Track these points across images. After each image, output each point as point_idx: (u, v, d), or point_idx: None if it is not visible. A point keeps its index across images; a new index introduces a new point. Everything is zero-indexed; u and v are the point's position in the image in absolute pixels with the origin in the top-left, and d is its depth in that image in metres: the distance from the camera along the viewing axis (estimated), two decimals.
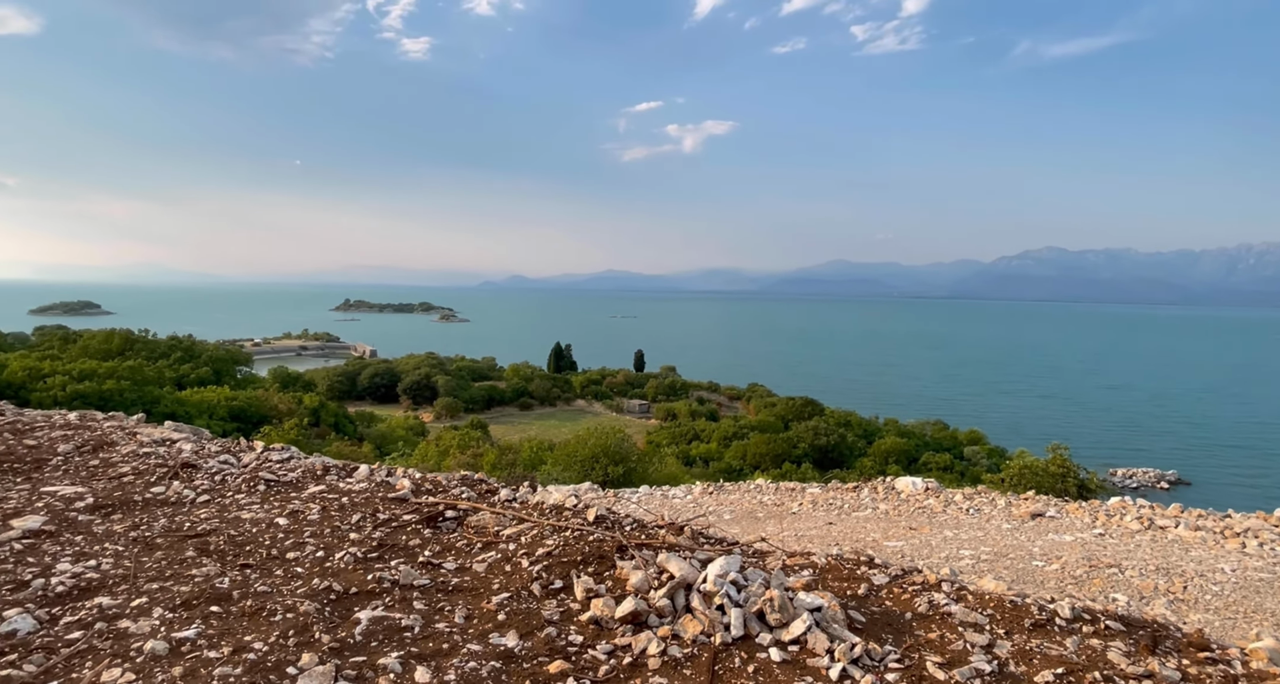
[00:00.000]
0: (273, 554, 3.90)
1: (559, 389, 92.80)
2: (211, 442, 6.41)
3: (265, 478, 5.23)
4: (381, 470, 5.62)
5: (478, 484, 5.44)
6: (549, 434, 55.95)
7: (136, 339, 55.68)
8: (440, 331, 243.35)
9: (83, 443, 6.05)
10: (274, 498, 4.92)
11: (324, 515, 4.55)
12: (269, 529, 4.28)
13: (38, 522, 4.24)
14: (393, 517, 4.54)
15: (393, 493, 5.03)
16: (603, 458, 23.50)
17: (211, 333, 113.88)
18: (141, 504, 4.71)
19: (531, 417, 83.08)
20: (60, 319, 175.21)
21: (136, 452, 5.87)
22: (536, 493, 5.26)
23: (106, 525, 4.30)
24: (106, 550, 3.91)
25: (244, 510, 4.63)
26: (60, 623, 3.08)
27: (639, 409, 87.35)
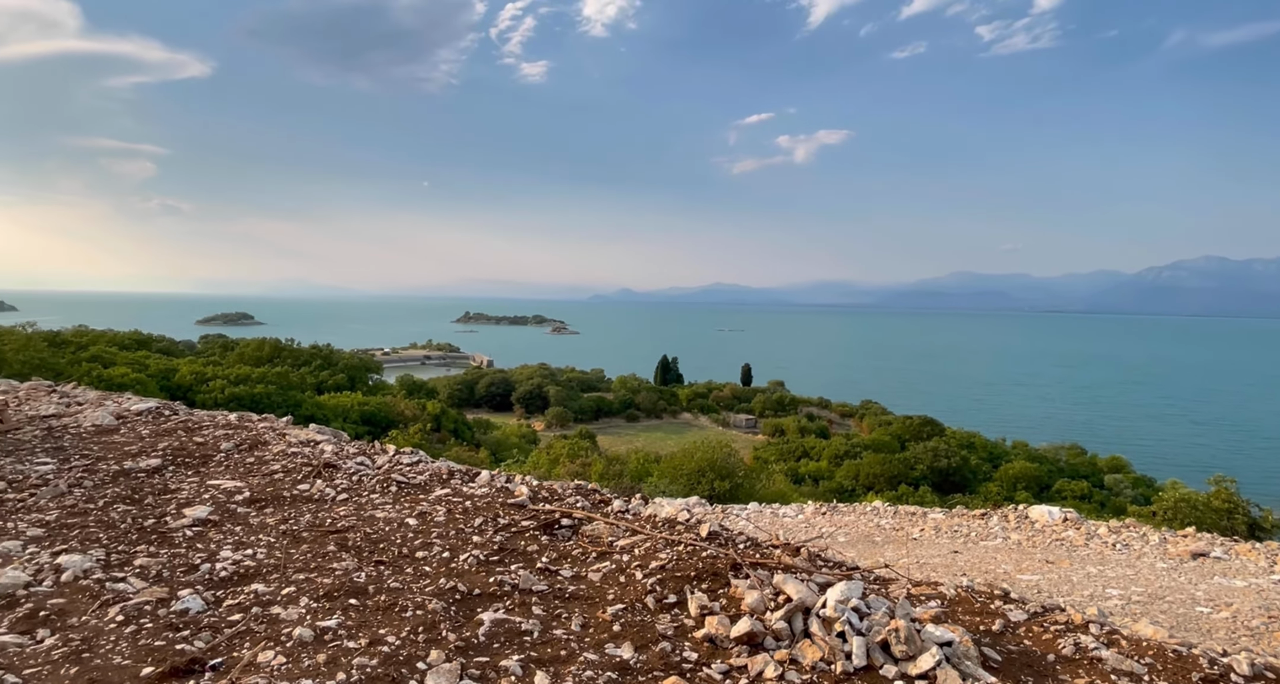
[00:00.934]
0: (404, 552, 4.13)
1: (665, 402, 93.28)
2: (349, 444, 6.90)
3: (397, 480, 5.57)
4: (501, 477, 5.83)
5: (591, 494, 5.53)
6: (655, 446, 56.20)
7: (283, 347, 61.06)
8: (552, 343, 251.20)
9: (241, 442, 6.68)
10: (404, 499, 5.22)
11: (449, 518, 4.77)
12: (400, 528, 4.54)
13: (205, 511, 4.72)
14: (512, 522, 4.70)
15: (512, 499, 5.20)
16: (709, 472, 23.34)
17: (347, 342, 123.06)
18: (290, 500, 5.13)
19: (638, 428, 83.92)
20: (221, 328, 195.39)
21: (285, 451, 6.41)
22: (649, 505, 5.28)
23: (261, 518, 4.72)
24: (260, 541, 4.28)
25: (378, 510, 4.94)
26: (223, 605, 3.40)
27: (746, 424, 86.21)
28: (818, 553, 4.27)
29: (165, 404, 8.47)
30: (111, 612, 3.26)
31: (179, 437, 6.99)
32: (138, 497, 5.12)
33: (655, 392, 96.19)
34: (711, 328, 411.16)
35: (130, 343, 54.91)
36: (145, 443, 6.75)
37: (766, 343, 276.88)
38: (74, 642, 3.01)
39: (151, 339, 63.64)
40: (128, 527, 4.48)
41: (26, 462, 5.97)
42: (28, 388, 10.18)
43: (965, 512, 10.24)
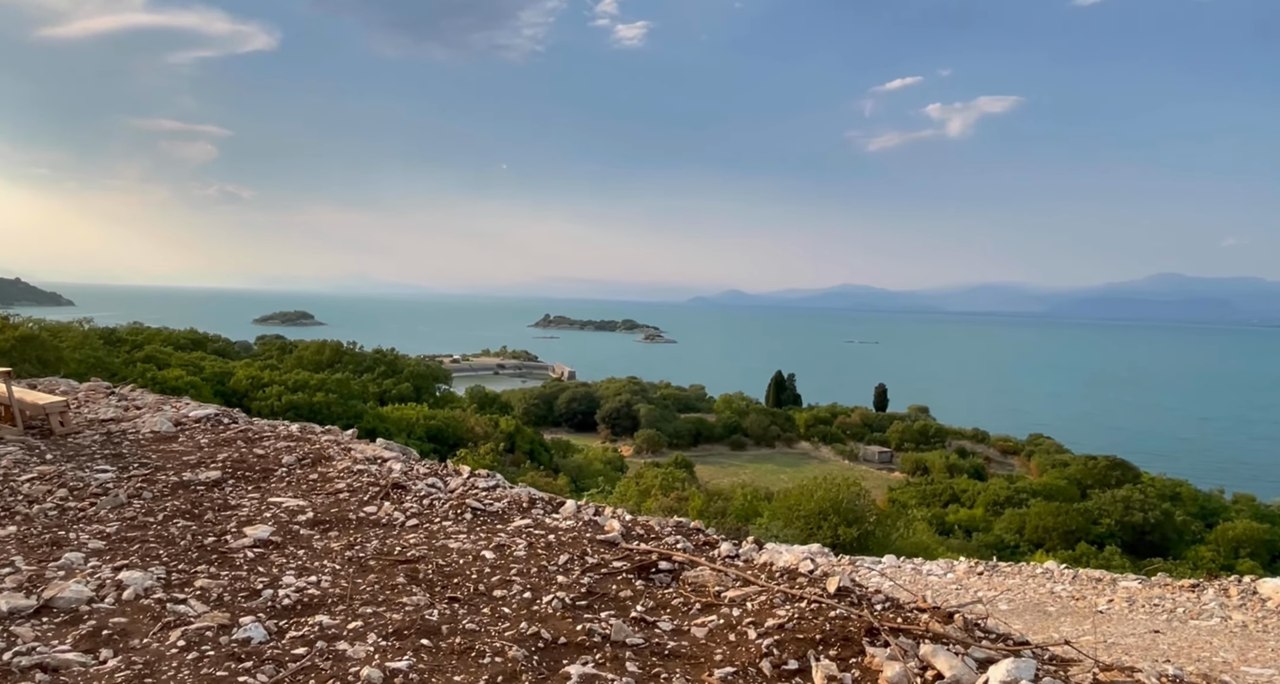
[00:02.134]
0: (480, 589, 4.30)
1: (779, 427, 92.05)
2: (419, 463, 7.25)
3: (472, 506, 5.80)
4: (589, 508, 5.96)
5: (694, 534, 5.56)
6: (765, 480, 55.55)
7: (345, 352, 64.62)
8: (644, 353, 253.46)
9: (303, 456, 7.16)
10: (480, 528, 5.43)
11: (530, 552, 4.93)
12: (476, 562, 4.73)
13: (266, 531, 5.09)
14: (601, 561, 4.80)
15: (601, 534, 5.31)
16: (833, 515, 22.87)
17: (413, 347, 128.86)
18: (355, 523, 5.45)
19: (745, 458, 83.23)
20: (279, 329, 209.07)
21: (350, 468, 6.81)
22: (763, 551, 5.26)
23: (325, 542, 5.04)
24: (325, 568, 4.57)
25: (451, 539, 5.17)
26: (286, 637, 3.65)
27: (879, 458, 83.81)
28: (976, 621, 4.12)
29: (224, 411, 9.19)
30: (173, 635, 3.58)
31: (239, 447, 7.56)
32: (197, 512, 5.59)
33: (767, 414, 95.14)
34: (838, 338, 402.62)
35: (185, 342, 59.80)
36: (204, 453, 7.35)
37: (907, 358, 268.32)
38: (136, 665, 3.32)
39: (207, 339, 69.04)
40: (188, 544, 4.90)
41: (87, 468, 6.64)
42: (87, 389, 11.29)
43: (1169, 581, 9.56)
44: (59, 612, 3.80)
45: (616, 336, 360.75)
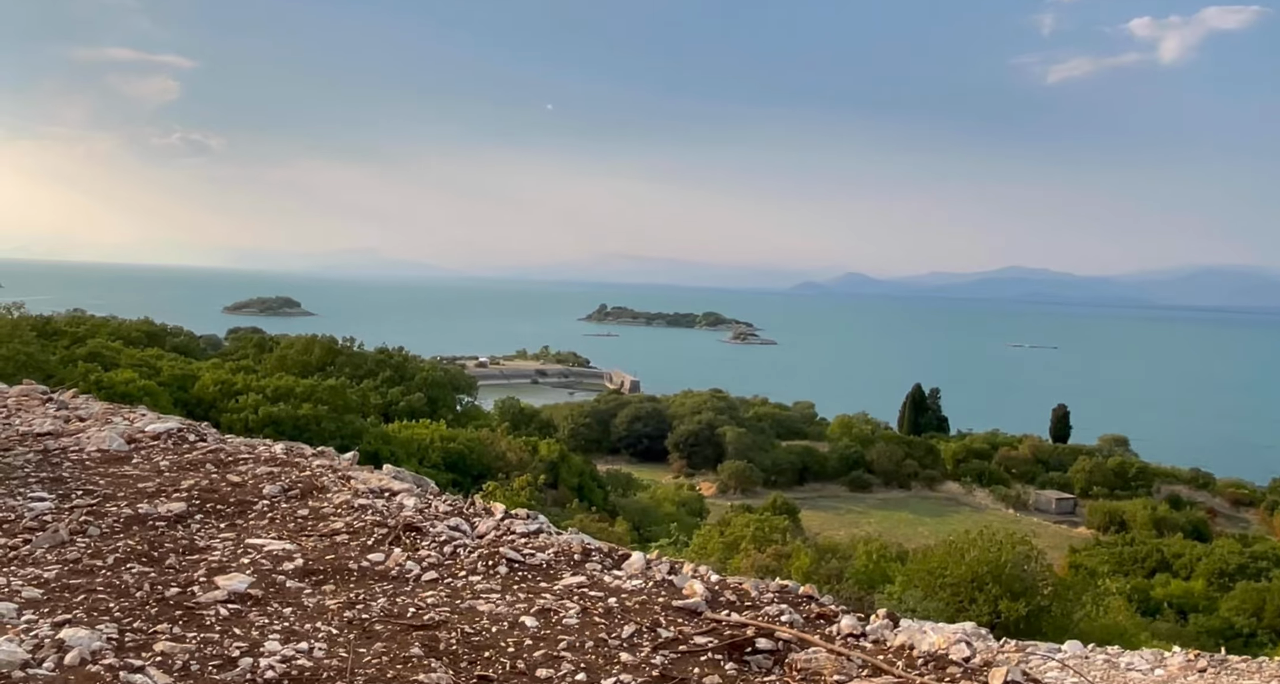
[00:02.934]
0: (518, 667, 4.36)
1: (917, 461, 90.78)
2: (438, 497, 7.39)
3: (508, 556, 5.88)
4: (662, 564, 5.98)
5: (804, 603, 5.52)
6: (897, 533, 54.90)
7: (340, 351, 66.34)
8: (733, 357, 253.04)
9: (290, 485, 7.37)
10: (519, 586, 5.50)
11: (585, 620, 4.96)
12: (513, 631, 4.79)
13: (244, 583, 5.25)
14: (679, 636, 4.80)
15: (678, 599, 5.32)
16: (992, 585, 22.44)
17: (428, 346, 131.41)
18: (357, 574, 5.59)
19: (869, 502, 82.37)
20: (255, 320, 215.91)
21: (350, 503, 6.99)
22: (898, 630, 5.18)
23: (318, 598, 5.18)
24: (319, 631, 4.69)
25: (480, 599, 5.24)
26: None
27: (1056, 507, 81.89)
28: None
29: (189, 426, 9.53)
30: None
31: (208, 473, 7.83)
32: (157, 554, 5.80)
33: (900, 444, 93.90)
34: (999, 340, 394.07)
35: (139, 336, 62.34)
36: (165, 479, 7.64)
37: (1097, 370, 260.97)
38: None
39: (166, 332, 71.87)
40: (145, 595, 5.09)
41: (19, 495, 6.96)
42: (17, 393, 11.85)
43: None
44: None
45: (695, 335, 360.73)
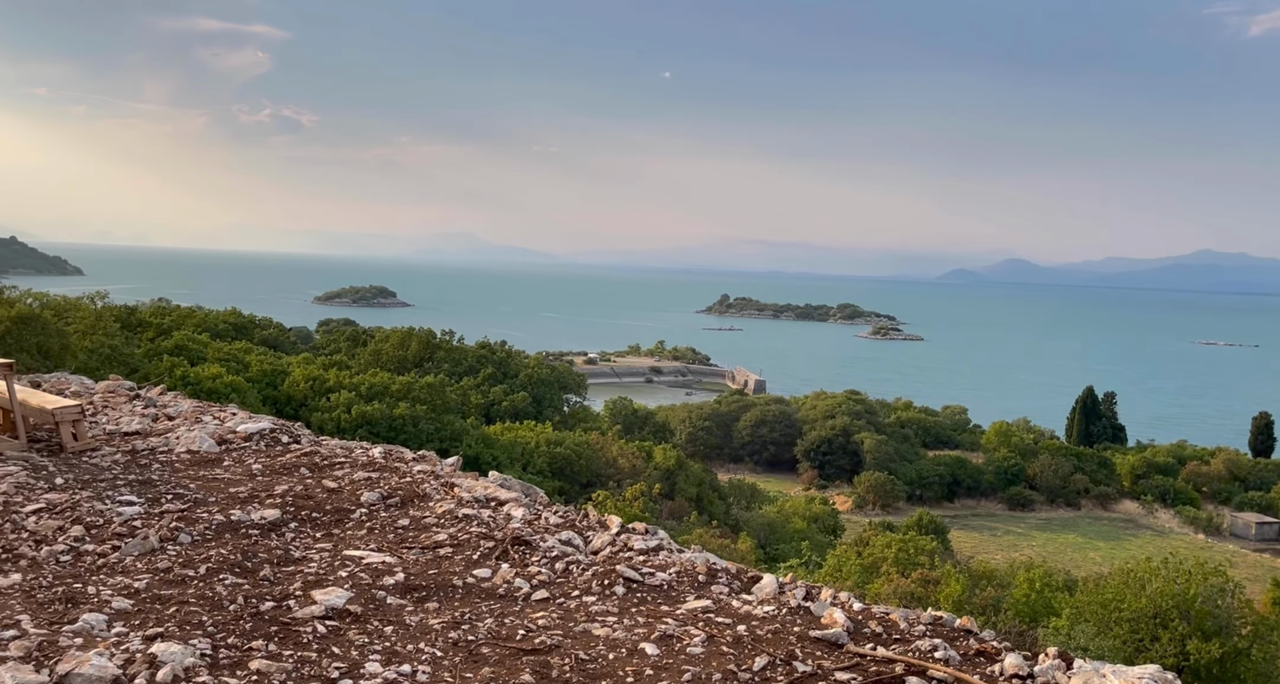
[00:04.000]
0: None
1: (1088, 476, 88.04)
2: (548, 508, 7.48)
3: (625, 575, 5.92)
4: (798, 588, 5.93)
5: (961, 638, 5.40)
6: (1064, 559, 53.39)
7: (438, 345, 67.71)
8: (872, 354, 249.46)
9: (390, 492, 7.57)
10: (637, 609, 5.52)
11: (711, 649, 4.95)
12: (631, 658, 4.81)
13: (342, 598, 5.41)
14: (818, 671, 4.75)
15: (816, 629, 5.26)
16: (1177, 622, 21.64)
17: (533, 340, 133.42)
18: (462, 592, 5.70)
19: (1030, 522, 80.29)
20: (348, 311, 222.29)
21: (454, 513, 7.13)
22: (1074, 672, 5.02)
23: (421, 616, 5.30)
24: (423, 653, 4.80)
25: (595, 622, 5.29)
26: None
27: (1256, 532, 78.42)
28: None
29: (282, 426, 9.86)
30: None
31: (303, 478, 8.10)
32: (250, 565, 6.03)
33: (1069, 456, 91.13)
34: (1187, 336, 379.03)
35: (226, 328, 64.77)
36: (258, 483, 7.93)
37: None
38: None
39: (253, 324, 74.43)
40: (239, 609, 5.28)
41: (108, 499, 7.31)
42: (104, 389, 12.45)
43: None
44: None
45: (829, 329, 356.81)
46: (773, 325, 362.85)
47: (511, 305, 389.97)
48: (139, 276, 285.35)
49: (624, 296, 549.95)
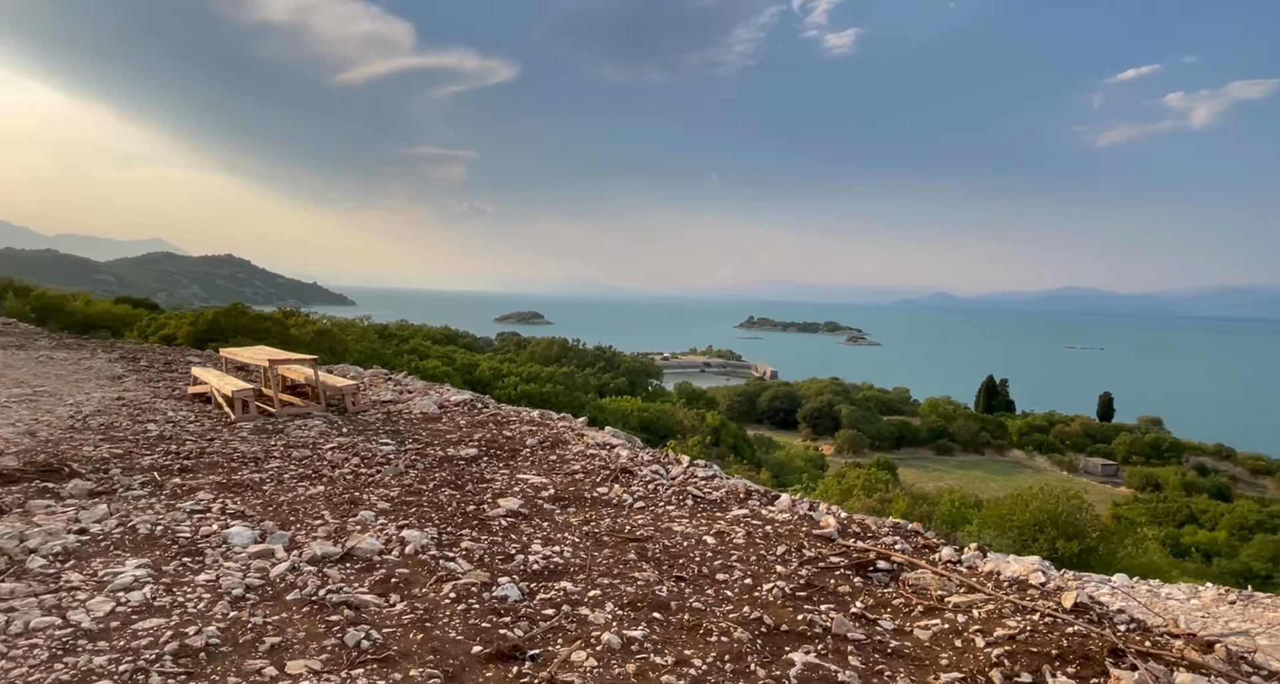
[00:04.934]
0: (703, 572, 4.36)
1: (989, 433, 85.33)
2: (642, 450, 7.48)
3: (692, 493, 5.89)
4: (804, 503, 5.85)
5: (913, 536, 5.28)
6: (973, 487, 51.76)
7: (570, 348, 68.29)
8: (846, 355, 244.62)
9: (544, 439, 7.63)
10: (701, 514, 5.50)
11: (749, 541, 4.91)
12: (698, 546, 4.80)
13: (516, 504, 5.48)
14: (819, 555, 4.68)
15: (817, 530, 5.19)
16: (1050, 527, 20.81)
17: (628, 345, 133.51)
18: (590, 502, 5.72)
19: (951, 463, 78.03)
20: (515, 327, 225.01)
21: (584, 452, 7.17)
22: (987, 559, 4.88)
23: (564, 517, 5.34)
24: (566, 540, 4.84)
25: (675, 522, 5.28)
26: (536, 598, 3.90)
27: (1102, 471, 75.26)
28: (1241, 654, 3.57)
29: (477, 397, 10.01)
30: (445, 588, 3.95)
31: (490, 429, 8.21)
32: (459, 483, 6.13)
33: (976, 420, 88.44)
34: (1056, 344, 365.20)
35: (441, 337, 65.91)
36: (463, 432, 8.06)
37: (1136, 367, 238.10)
38: (418, 610, 3.70)
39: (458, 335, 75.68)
40: (453, 510, 5.38)
41: (374, 441, 7.50)
42: (370, 375, 12.76)
43: None
44: (358, 559, 4.32)
45: (819, 338, 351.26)
46: (782, 336, 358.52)
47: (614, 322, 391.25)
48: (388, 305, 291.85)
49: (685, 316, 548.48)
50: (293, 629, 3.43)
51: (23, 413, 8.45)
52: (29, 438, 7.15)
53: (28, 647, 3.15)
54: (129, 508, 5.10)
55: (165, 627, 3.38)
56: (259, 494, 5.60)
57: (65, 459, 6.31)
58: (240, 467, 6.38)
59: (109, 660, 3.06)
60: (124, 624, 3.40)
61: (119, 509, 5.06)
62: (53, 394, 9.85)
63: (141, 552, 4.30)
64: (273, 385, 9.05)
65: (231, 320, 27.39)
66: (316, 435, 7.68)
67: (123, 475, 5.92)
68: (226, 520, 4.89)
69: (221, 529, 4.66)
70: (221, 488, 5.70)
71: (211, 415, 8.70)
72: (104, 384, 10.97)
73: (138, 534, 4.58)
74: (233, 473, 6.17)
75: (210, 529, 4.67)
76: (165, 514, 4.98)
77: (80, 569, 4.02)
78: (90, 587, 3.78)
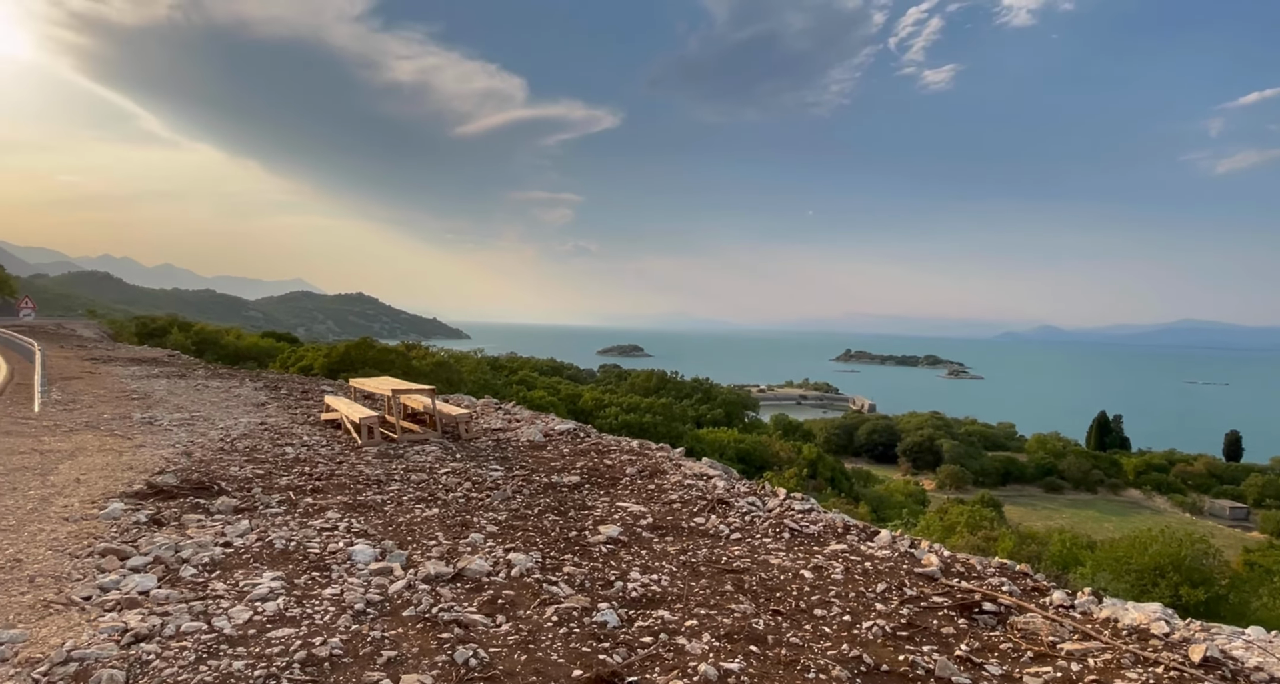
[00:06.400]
0: (801, 606, 4.20)
1: (1102, 471, 79.40)
2: (739, 481, 7.35)
3: (789, 526, 5.73)
4: (904, 540, 5.58)
5: (1020, 578, 4.94)
6: (1085, 528, 48.21)
7: (668, 380, 68.33)
8: (947, 389, 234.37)
9: (643, 468, 7.62)
10: (798, 548, 5.33)
11: (848, 577, 4.72)
12: (795, 579, 4.64)
13: (616, 531, 5.47)
14: (920, 595, 4.44)
15: (919, 567, 4.93)
16: (1171, 572, 19.08)
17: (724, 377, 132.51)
18: (687, 531, 5.65)
19: (1060, 502, 72.96)
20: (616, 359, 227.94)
21: (681, 482, 7.11)
22: (1103, 605, 4.50)
23: (662, 545, 5.29)
24: (664, 568, 4.78)
25: (771, 555, 5.13)
26: (635, 625, 3.87)
27: (1230, 514, 68.51)
28: None
29: (580, 427, 10.13)
30: (548, 611, 3.97)
31: (591, 457, 8.27)
32: (562, 509, 6.19)
33: (1088, 457, 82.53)
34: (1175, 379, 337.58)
35: (547, 369, 67.58)
36: (566, 460, 8.15)
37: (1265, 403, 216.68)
38: (522, 631, 3.73)
39: (562, 366, 77.41)
40: (556, 535, 5.43)
41: (484, 467, 7.69)
42: (481, 404, 13.15)
43: None
44: (467, 580, 4.41)
45: (918, 372, 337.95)
46: (880, 369, 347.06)
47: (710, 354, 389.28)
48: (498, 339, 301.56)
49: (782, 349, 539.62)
50: (407, 644, 3.52)
51: (181, 435, 9.15)
52: (185, 458, 7.73)
53: (178, 649, 3.37)
54: (267, 524, 5.42)
55: (295, 636, 3.54)
56: (380, 514, 5.82)
57: (215, 478, 6.78)
58: (365, 488, 6.67)
59: (246, 665, 3.23)
60: (260, 632, 3.58)
61: (259, 525, 5.37)
62: (206, 419, 10.63)
63: (277, 565, 4.54)
64: (395, 413, 9.45)
65: (360, 353, 28.92)
66: (433, 460, 7.95)
67: (263, 494, 6.30)
68: (351, 538, 5.10)
69: (347, 546, 4.87)
70: (348, 508, 5.97)
71: (341, 440, 9.16)
72: (250, 410, 11.77)
73: (274, 549, 4.85)
74: (358, 494, 6.45)
75: (337, 546, 4.89)
76: (298, 531, 5.25)
77: (224, 579, 4.27)
78: (232, 596, 4.01)
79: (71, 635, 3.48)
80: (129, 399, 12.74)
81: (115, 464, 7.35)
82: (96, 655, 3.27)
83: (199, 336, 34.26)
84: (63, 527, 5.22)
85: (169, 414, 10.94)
